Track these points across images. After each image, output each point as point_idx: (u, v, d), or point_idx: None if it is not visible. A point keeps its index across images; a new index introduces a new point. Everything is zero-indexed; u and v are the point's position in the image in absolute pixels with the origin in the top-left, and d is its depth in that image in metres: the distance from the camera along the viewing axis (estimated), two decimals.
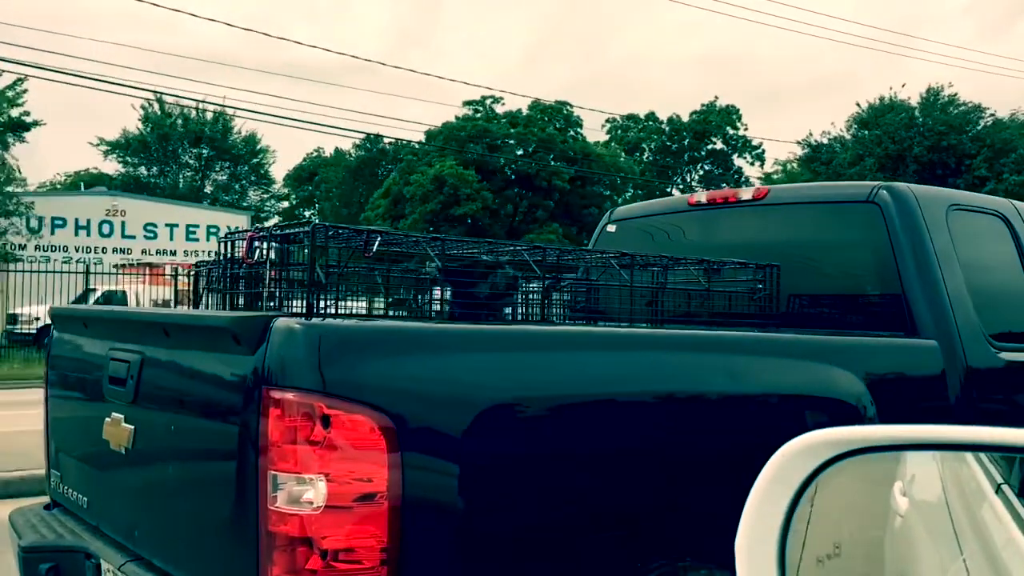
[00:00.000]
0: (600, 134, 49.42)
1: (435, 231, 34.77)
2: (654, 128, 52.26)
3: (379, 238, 2.70)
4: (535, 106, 41.92)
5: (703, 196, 4.13)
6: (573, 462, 2.31)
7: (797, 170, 39.67)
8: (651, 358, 2.65)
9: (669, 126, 51.93)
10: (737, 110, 51.18)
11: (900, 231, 3.35)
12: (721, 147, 52.16)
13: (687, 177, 52.67)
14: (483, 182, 39.44)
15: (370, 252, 2.69)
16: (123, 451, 2.69)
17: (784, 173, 42.71)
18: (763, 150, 51.08)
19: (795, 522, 1.10)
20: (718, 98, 52.20)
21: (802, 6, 57.63)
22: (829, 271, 3.70)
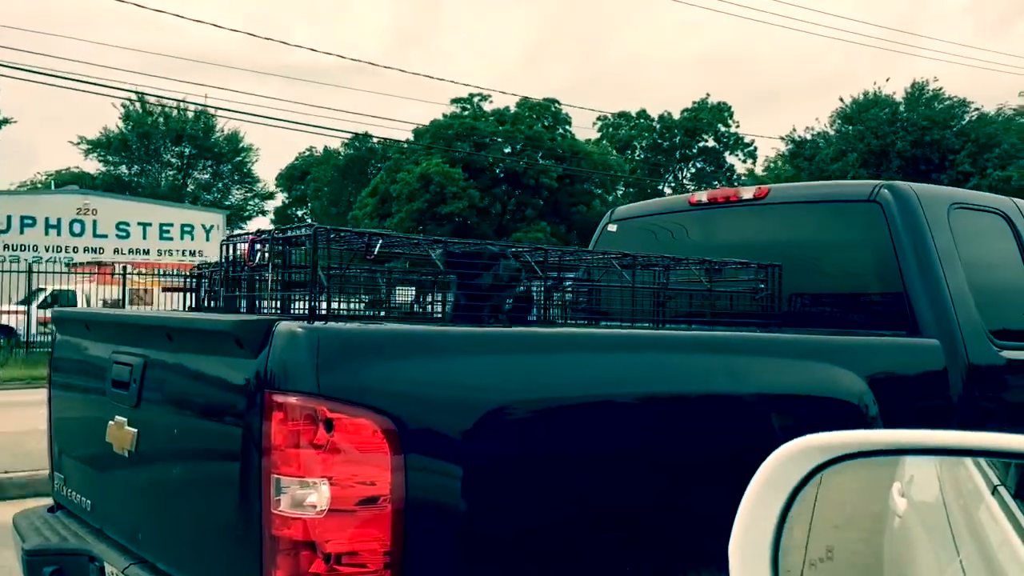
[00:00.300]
0: (592, 132, 49.27)
1: (422, 230, 34.58)
2: (645, 126, 51.92)
3: (380, 240, 2.71)
4: (523, 103, 41.51)
5: (704, 196, 4.14)
6: (575, 464, 2.32)
7: (781, 167, 39.16)
8: (653, 359, 2.65)
9: (660, 124, 51.55)
10: (729, 107, 50.83)
11: (902, 230, 3.35)
12: (713, 144, 51.78)
13: (679, 175, 52.35)
14: (470, 180, 39.01)
15: (371, 254, 2.70)
16: (126, 454, 2.70)
17: (767, 171, 42.20)
18: (755, 147, 50.74)
19: (790, 526, 1.11)
20: (709, 95, 51.81)
21: (803, 5, 57.44)
22: (831, 270, 3.70)
